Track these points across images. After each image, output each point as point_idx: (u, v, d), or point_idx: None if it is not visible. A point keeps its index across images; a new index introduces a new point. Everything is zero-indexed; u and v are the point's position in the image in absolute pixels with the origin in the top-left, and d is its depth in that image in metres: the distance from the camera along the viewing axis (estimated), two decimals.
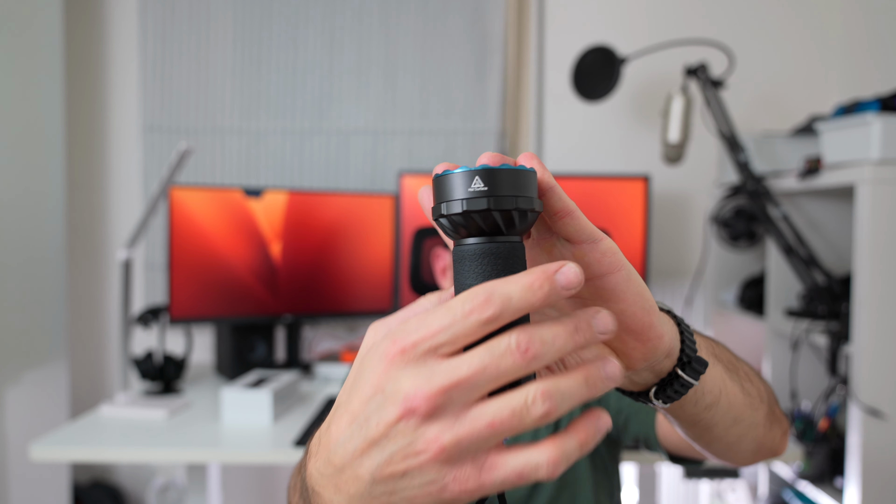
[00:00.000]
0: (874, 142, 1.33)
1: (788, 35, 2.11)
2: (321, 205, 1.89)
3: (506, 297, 0.31)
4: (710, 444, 0.59)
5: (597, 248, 0.38)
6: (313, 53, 2.10)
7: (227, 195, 1.78)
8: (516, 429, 0.31)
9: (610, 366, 0.33)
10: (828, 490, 1.50)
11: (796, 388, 1.67)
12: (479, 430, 0.31)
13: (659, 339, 0.42)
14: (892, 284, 1.33)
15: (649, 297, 0.41)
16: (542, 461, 0.31)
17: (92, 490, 2.11)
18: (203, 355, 2.15)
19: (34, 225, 1.86)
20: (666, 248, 2.14)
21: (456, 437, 0.31)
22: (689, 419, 0.53)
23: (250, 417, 1.45)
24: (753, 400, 0.59)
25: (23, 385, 1.80)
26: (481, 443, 0.31)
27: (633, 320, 0.40)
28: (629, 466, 1.98)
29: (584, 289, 0.40)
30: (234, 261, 1.80)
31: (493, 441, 0.31)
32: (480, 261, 0.35)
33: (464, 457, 0.31)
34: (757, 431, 0.62)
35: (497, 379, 0.31)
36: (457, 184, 0.35)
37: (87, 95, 2.17)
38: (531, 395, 0.30)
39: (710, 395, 0.51)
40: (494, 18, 2.06)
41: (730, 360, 0.59)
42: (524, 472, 0.31)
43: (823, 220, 1.72)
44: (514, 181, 0.34)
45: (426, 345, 0.31)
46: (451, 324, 0.31)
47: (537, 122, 2.14)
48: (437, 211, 0.36)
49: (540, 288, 0.31)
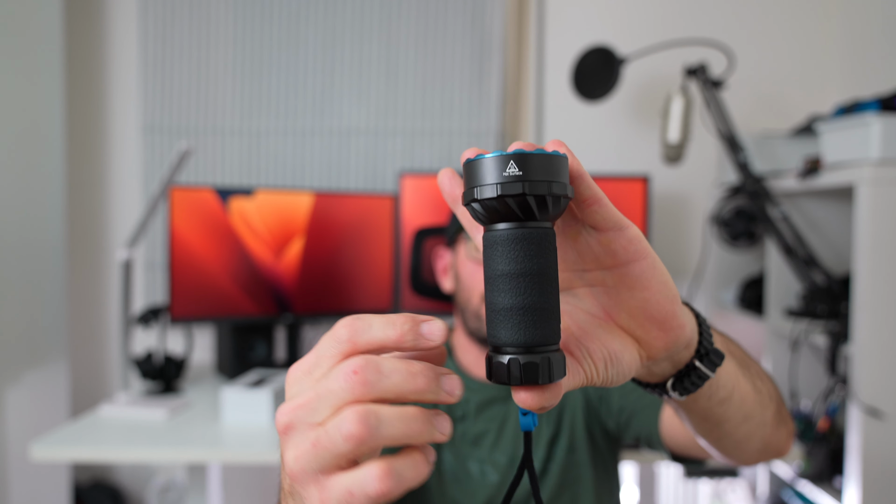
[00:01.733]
0: (874, 142, 1.33)
1: (788, 35, 2.11)
2: (321, 205, 1.89)
3: (366, 325, 0.34)
4: (720, 440, 0.59)
5: (623, 236, 0.38)
6: (313, 53, 2.10)
7: (227, 195, 1.78)
8: (331, 449, 0.33)
9: (441, 421, 0.34)
10: (827, 490, 1.51)
11: (796, 387, 1.67)
12: (307, 450, 0.33)
13: (681, 329, 0.42)
14: (892, 284, 1.33)
15: (673, 286, 0.40)
16: (369, 477, 0.32)
17: (92, 490, 2.11)
18: (203, 355, 2.15)
19: (34, 225, 1.86)
20: (666, 248, 2.14)
21: (294, 455, 0.34)
22: (701, 413, 0.53)
23: (250, 417, 1.45)
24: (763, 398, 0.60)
25: (23, 385, 1.80)
26: (315, 463, 0.33)
27: (657, 308, 0.40)
28: (629, 466, 1.98)
29: (609, 276, 0.40)
30: (235, 261, 1.80)
31: (325, 462, 0.33)
32: (513, 246, 0.35)
33: (306, 477, 0.34)
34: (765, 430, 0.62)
35: (328, 398, 0.33)
36: (490, 168, 0.34)
37: (87, 95, 2.17)
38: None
39: (723, 390, 0.51)
40: (494, 18, 2.07)
41: (742, 356, 0.59)
42: (352, 489, 0.32)
43: (823, 220, 1.72)
44: (548, 166, 0.34)
45: (303, 369, 0.35)
46: (318, 350, 0.35)
47: (537, 122, 2.14)
48: (470, 195, 0.35)
49: (402, 325, 0.33)
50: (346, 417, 0.32)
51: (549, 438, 1.04)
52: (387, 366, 0.33)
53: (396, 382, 0.33)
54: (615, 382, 0.41)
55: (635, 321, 0.41)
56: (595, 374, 0.39)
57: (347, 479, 0.33)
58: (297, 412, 0.34)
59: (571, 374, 0.38)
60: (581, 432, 1.04)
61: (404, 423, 0.33)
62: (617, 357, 0.40)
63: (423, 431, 0.33)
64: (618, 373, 0.40)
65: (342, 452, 0.32)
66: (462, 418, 1.04)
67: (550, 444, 1.04)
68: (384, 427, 0.32)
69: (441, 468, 1.02)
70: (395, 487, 0.32)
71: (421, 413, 0.33)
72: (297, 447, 0.34)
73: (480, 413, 1.05)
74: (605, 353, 0.40)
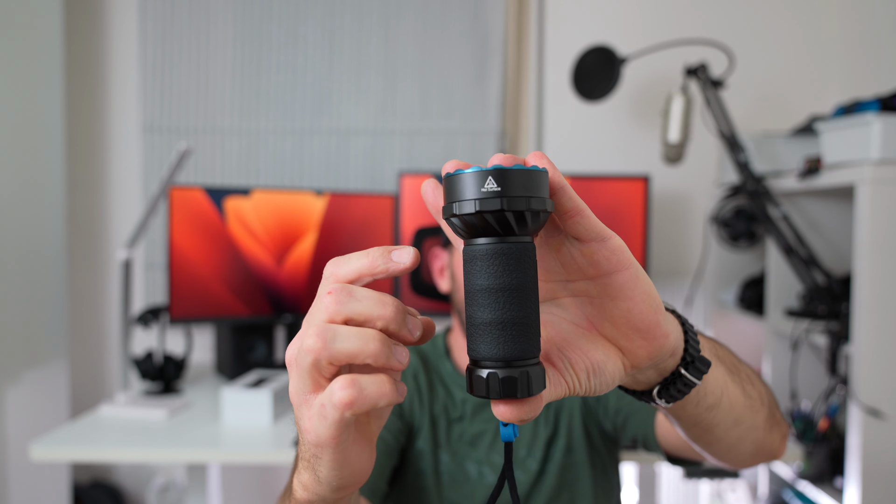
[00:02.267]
0: (874, 142, 1.33)
1: (788, 35, 2.11)
2: (321, 205, 1.89)
3: (345, 259, 0.38)
4: (711, 445, 0.59)
5: (606, 246, 0.38)
6: (313, 53, 2.10)
7: (222, 196, 1.78)
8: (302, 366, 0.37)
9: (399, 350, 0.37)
10: (828, 490, 1.50)
11: (796, 388, 1.67)
12: (292, 373, 0.38)
13: (665, 338, 0.42)
14: (892, 284, 1.33)
15: (656, 295, 0.41)
16: (335, 387, 0.36)
17: (92, 490, 2.11)
18: (203, 355, 2.15)
19: (34, 225, 1.86)
20: (666, 248, 2.14)
21: (290, 383, 0.39)
22: (690, 420, 0.53)
23: (250, 417, 1.45)
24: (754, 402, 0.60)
25: (23, 385, 1.80)
26: (298, 383, 0.38)
27: (640, 318, 0.40)
28: (629, 466, 1.98)
29: (592, 287, 0.40)
30: (235, 261, 1.80)
31: (303, 381, 0.37)
32: (492, 261, 0.35)
33: (298, 399, 0.38)
34: (757, 434, 0.62)
35: (309, 322, 0.37)
36: (469, 184, 0.34)
37: (87, 95, 2.17)
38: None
39: (711, 396, 0.51)
40: (494, 18, 2.06)
41: (732, 362, 0.59)
42: (323, 401, 0.37)
43: (823, 220, 1.72)
44: (527, 181, 0.34)
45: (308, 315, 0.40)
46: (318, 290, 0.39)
47: (537, 122, 2.14)
48: (449, 210, 0.35)
49: (373, 253, 0.38)
50: (308, 333, 0.36)
51: (547, 439, 1.04)
52: (359, 292, 0.37)
53: (366, 306, 0.36)
54: (598, 392, 0.41)
55: (619, 331, 0.41)
56: (577, 385, 0.40)
57: (321, 394, 0.37)
58: (293, 345, 0.38)
59: (553, 385, 0.39)
60: (579, 433, 1.04)
61: (360, 339, 0.35)
62: (600, 367, 0.41)
63: (379, 352, 0.36)
64: (601, 382, 0.41)
65: (307, 367, 0.36)
66: (459, 419, 1.04)
67: (548, 444, 1.04)
68: (339, 341, 0.35)
69: (438, 469, 1.02)
70: (358, 398, 0.35)
71: (377, 335, 0.36)
72: (290, 376, 0.38)
73: (477, 414, 1.04)
74: (587, 364, 0.40)
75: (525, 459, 1.03)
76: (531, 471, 1.02)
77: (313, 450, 0.39)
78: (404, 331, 0.37)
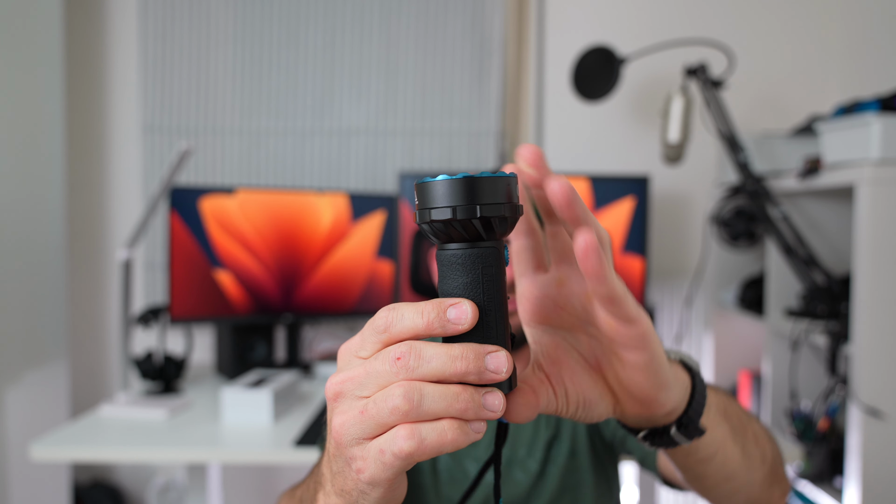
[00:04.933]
0: (874, 142, 1.33)
1: (788, 35, 2.11)
2: (321, 204, 1.89)
3: (399, 315, 0.36)
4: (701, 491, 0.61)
5: (632, 329, 0.38)
6: (313, 53, 2.10)
7: (226, 195, 1.78)
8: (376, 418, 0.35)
9: (490, 397, 0.35)
10: (827, 490, 1.50)
11: (796, 387, 1.67)
12: (354, 416, 0.36)
13: (661, 408, 0.42)
14: (892, 284, 1.33)
15: (665, 374, 0.41)
16: (396, 436, 0.35)
17: (92, 490, 2.11)
18: (203, 355, 2.15)
19: (34, 225, 1.86)
20: (666, 248, 2.14)
21: (340, 421, 0.37)
22: (680, 465, 0.54)
23: (250, 417, 1.45)
24: (753, 461, 0.60)
25: (23, 385, 1.80)
26: (359, 429, 0.36)
27: (640, 391, 0.41)
28: (629, 467, 1.98)
29: (607, 342, 0.41)
30: (234, 261, 1.80)
31: (369, 429, 0.36)
32: (462, 265, 0.36)
33: (351, 440, 0.37)
34: (752, 490, 0.62)
35: (375, 377, 0.36)
36: (438, 192, 0.35)
37: (87, 95, 2.17)
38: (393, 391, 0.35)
39: (704, 451, 0.52)
40: (494, 19, 2.07)
41: (740, 419, 0.59)
42: (383, 447, 0.35)
43: (823, 220, 1.72)
44: (494, 189, 0.35)
45: (352, 350, 0.38)
46: (363, 335, 0.37)
47: (537, 123, 2.14)
48: (421, 217, 0.36)
49: (428, 314, 0.35)
50: (393, 392, 0.35)
51: (548, 440, 1.04)
52: (428, 352, 0.35)
53: (436, 367, 0.35)
54: (583, 421, 0.43)
55: (619, 386, 0.42)
56: (566, 411, 0.42)
57: (381, 440, 0.36)
58: (347, 384, 0.37)
59: (548, 401, 0.41)
60: (583, 437, 1.04)
61: (446, 400, 0.34)
62: (591, 404, 0.42)
63: (467, 409, 0.35)
64: (587, 416, 0.42)
65: (386, 423, 0.35)
66: None
67: (548, 446, 1.04)
68: (426, 403, 0.34)
69: (437, 467, 1.02)
70: (417, 448, 0.34)
71: (464, 391, 0.35)
72: (343, 414, 0.37)
73: None
74: (581, 398, 0.42)
75: (525, 459, 1.03)
76: (531, 471, 1.02)
77: (363, 487, 0.38)
78: (487, 375, 0.35)
